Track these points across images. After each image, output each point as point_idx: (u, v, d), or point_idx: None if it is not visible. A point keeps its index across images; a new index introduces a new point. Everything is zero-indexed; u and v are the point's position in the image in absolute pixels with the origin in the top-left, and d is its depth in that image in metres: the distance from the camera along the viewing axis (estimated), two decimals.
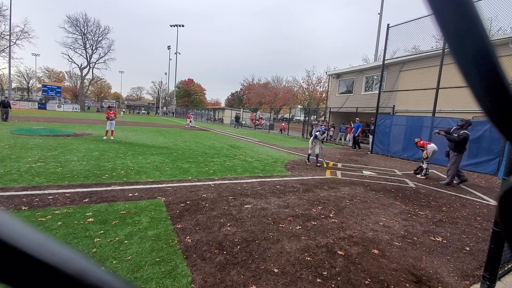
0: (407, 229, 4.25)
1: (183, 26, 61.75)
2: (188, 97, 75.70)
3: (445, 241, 3.90)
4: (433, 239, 3.95)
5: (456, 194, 6.94)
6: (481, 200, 6.50)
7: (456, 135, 7.74)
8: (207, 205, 4.55)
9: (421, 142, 9.16)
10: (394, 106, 16.81)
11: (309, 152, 9.78)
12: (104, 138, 12.07)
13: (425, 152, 8.79)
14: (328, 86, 28.37)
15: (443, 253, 3.52)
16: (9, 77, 40.78)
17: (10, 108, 17.49)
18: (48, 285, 0.20)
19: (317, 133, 9.60)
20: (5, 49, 42.44)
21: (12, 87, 57.21)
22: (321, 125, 20.73)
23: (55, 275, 0.20)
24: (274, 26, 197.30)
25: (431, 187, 7.49)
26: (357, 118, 17.24)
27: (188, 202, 4.60)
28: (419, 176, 9.00)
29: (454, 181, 8.07)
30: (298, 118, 46.38)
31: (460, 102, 12.51)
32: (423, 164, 9.02)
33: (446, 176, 8.18)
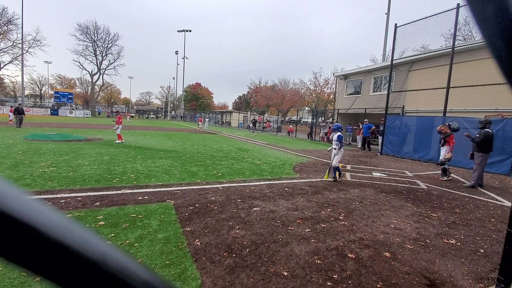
0: (419, 231, 4.17)
1: (190, 31, 62.52)
2: (196, 101, 76.37)
3: (458, 244, 3.81)
4: (447, 241, 3.86)
5: (470, 195, 6.77)
6: (495, 201, 6.33)
7: (478, 136, 7.58)
8: (215, 208, 4.56)
9: (453, 140, 8.52)
10: (403, 106, 16.58)
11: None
12: (117, 141, 12.56)
13: (449, 153, 8.41)
14: (336, 88, 28.20)
15: (457, 256, 3.43)
16: (22, 85, 41.96)
17: (24, 114, 17.96)
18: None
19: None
20: (17, 57, 43.73)
21: (25, 94, 58.82)
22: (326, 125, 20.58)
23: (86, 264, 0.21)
24: (280, 28, 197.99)
25: (443, 189, 7.33)
26: (365, 120, 17.04)
27: (197, 205, 4.62)
28: (444, 178, 8.57)
29: (472, 181, 7.77)
30: (306, 120, 46.24)
31: (472, 101, 12.27)
32: (443, 165, 8.60)
33: (471, 179, 7.87)
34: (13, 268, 0.19)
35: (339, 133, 7.28)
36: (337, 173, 7.26)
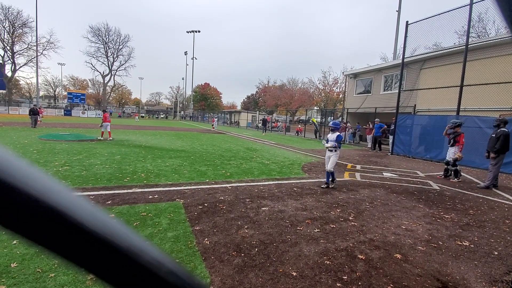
0: (432, 233, 4.09)
1: (199, 31, 62.89)
2: (205, 101, 76.88)
3: (472, 246, 3.71)
4: (460, 243, 3.77)
5: (484, 196, 6.60)
6: (509, 203, 6.14)
7: (494, 136, 7.34)
8: (224, 207, 4.59)
9: (463, 139, 8.29)
10: (415, 105, 16.26)
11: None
12: (110, 139, 13.20)
13: (459, 153, 8.15)
14: (345, 87, 27.92)
15: (470, 258, 3.35)
16: (37, 86, 43.12)
17: (39, 115, 18.48)
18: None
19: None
20: (32, 59, 45.04)
21: (40, 95, 60.42)
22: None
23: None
24: (289, 27, 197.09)
25: (457, 189, 7.16)
26: (376, 119, 16.79)
27: (206, 204, 4.65)
28: (454, 180, 8.29)
29: (486, 182, 7.54)
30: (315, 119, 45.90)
31: (486, 100, 11.94)
32: (453, 166, 8.31)
33: (485, 179, 7.64)
34: (50, 256, 0.21)
35: (339, 133, 6.39)
36: (330, 178, 6.46)
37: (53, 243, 0.21)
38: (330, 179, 6.49)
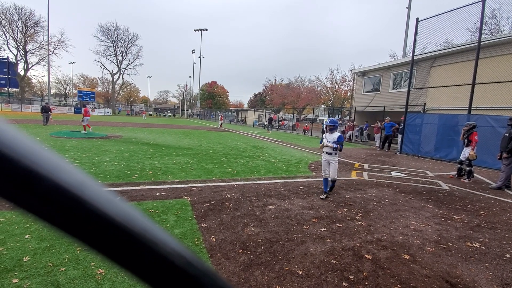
0: (441, 233, 4.02)
1: (206, 30, 62.98)
2: (212, 99, 77.06)
3: (483, 247, 3.64)
4: (470, 245, 3.70)
5: (496, 197, 6.45)
6: None
7: (508, 135, 7.15)
8: (231, 205, 4.60)
9: (476, 137, 8.11)
10: (424, 104, 15.99)
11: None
12: (83, 132, 14.09)
13: (472, 152, 7.99)
14: (353, 85, 27.63)
15: (481, 260, 3.28)
16: (48, 84, 43.92)
17: (50, 113, 18.84)
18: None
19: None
20: (44, 58, 45.89)
21: (51, 93, 61.56)
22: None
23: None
24: (297, 25, 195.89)
25: (467, 190, 7.02)
26: (387, 118, 16.55)
27: (213, 202, 4.68)
28: (466, 180, 8.14)
29: (498, 182, 7.37)
30: (322, 118, 45.67)
31: (499, 98, 11.66)
32: (469, 166, 8.14)
33: (497, 180, 7.47)
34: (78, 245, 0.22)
35: (340, 134, 5.47)
36: (329, 187, 5.59)
37: (80, 232, 0.22)
38: (328, 189, 5.56)
